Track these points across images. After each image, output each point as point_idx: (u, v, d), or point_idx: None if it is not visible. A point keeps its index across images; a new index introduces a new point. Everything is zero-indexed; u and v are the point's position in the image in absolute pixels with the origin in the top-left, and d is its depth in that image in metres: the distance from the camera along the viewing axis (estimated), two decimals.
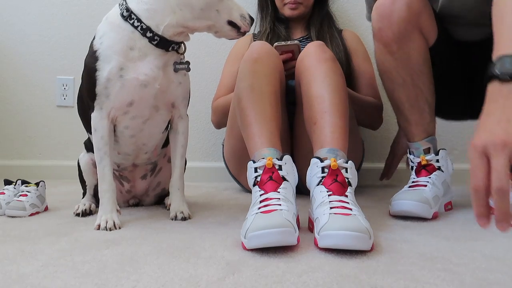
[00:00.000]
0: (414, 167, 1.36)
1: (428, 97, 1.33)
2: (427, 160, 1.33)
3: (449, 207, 1.37)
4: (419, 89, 1.32)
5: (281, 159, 1.07)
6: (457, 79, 1.44)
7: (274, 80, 1.29)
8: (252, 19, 1.27)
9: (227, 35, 1.26)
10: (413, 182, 1.33)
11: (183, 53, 1.28)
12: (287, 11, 1.87)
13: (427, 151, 1.35)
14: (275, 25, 1.92)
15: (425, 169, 1.33)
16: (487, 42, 1.42)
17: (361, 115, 1.73)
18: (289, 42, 1.55)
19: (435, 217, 1.25)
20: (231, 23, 1.23)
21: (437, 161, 1.33)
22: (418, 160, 1.35)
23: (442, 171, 1.33)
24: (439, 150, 1.35)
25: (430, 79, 1.34)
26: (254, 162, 1.09)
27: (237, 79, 1.33)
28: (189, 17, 1.19)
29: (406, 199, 1.23)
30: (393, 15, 1.24)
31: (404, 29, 1.24)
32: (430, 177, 1.30)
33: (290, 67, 1.51)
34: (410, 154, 1.39)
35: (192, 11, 1.18)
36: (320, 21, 1.91)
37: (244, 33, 1.26)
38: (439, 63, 1.35)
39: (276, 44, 1.54)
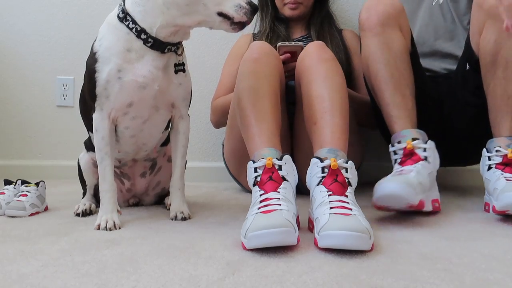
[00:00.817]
0: (398, 160, 1.27)
1: (409, 84, 1.36)
2: (413, 146, 1.24)
3: (436, 204, 1.30)
4: (401, 73, 1.35)
5: (281, 159, 1.07)
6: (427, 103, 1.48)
7: (274, 80, 1.29)
8: (254, 8, 1.14)
9: (221, 28, 1.17)
10: (396, 171, 1.24)
11: (180, 54, 1.27)
12: (287, 11, 1.87)
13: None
14: (275, 25, 1.91)
15: (410, 158, 1.24)
16: (451, 75, 1.57)
17: (360, 114, 1.73)
18: (293, 43, 1.54)
19: (421, 206, 1.18)
20: (221, 14, 1.14)
21: (424, 150, 1.25)
22: (403, 146, 1.26)
23: (429, 162, 1.25)
24: (427, 140, 1.28)
25: (410, 71, 1.37)
26: (254, 162, 1.09)
27: (236, 80, 1.33)
28: (177, 14, 1.16)
29: (388, 181, 1.15)
30: (379, 7, 1.39)
31: (387, 19, 1.37)
32: (415, 166, 1.23)
33: (289, 69, 1.50)
34: (393, 146, 1.30)
35: (178, 8, 1.16)
36: (320, 21, 1.91)
37: (239, 24, 1.16)
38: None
39: (279, 44, 1.54)
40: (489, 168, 1.29)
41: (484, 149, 1.31)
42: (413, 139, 1.27)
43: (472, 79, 1.39)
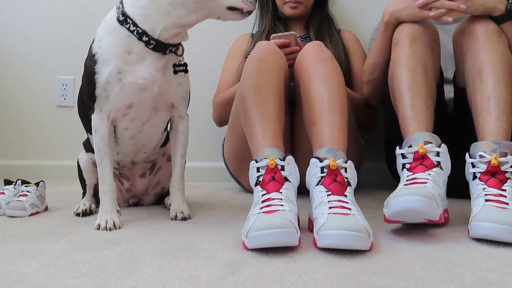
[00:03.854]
0: (407, 165, 1.13)
1: (432, 96, 1.29)
2: (425, 149, 1.09)
3: (446, 215, 1.19)
4: (425, 82, 1.29)
5: (283, 159, 1.07)
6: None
7: (279, 80, 1.29)
8: None
9: (231, 18, 1.21)
10: (408, 180, 1.09)
11: (181, 55, 1.27)
12: (287, 10, 1.87)
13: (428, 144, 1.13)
14: (274, 24, 1.92)
15: (422, 164, 1.10)
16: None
17: (357, 114, 1.73)
18: (285, 33, 1.55)
19: (441, 220, 1.04)
20: (231, 8, 1.18)
21: (437, 154, 1.11)
22: (414, 149, 1.11)
23: (442, 169, 1.11)
24: (440, 144, 1.14)
25: (435, 87, 1.33)
26: (256, 161, 1.09)
27: (241, 78, 1.33)
28: (184, 13, 1.17)
29: (404, 194, 1.00)
30: (414, 24, 1.38)
31: (420, 34, 1.35)
32: (429, 173, 1.08)
33: (287, 53, 1.49)
34: (400, 149, 1.16)
35: (185, 6, 1.16)
36: (319, 21, 1.92)
37: (249, 13, 1.21)
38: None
39: (272, 35, 1.54)
40: (474, 177, 1.12)
41: (467, 154, 1.15)
42: (425, 143, 1.13)
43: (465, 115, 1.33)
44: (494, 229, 0.97)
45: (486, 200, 1.04)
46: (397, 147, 1.18)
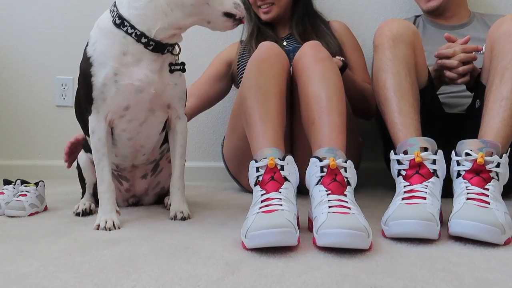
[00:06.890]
0: (403, 172, 1.12)
1: (416, 98, 1.31)
2: (422, 158, 1.08)
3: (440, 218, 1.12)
4: (409, 85, 1.30)
5: (283, 159, 1.07)
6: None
7: (281, 80, 1.29)
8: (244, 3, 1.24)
9: (223, 27, 1.22)
10: (405, 191, 1.08)
11: (177, 54, 1.27)
12: (262, 15, 1.84)
13: (423, 151, 1.11)
14: (262, 24, 1.89)
15: (419, 173, 1.09)
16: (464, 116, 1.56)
17: (357, 99, 1.71)
18: None
19: (439, 236, 1.02)
20: (226, 14, 1.20)
21: (434, 162, 1.10)
22: (410, 157, 1.10)
23: (438, 177, 1.10)
24: (437, 150, 1.12)
25: (417, 89, 1.34)
26: (256, 161, 1.09)
27: (243, 78, 1.33)
28: (180, 16, 1.18)
29: (405, 218, 0.99)
30: (393, 25, 1.40)
31: (401, 35, 1.37)
32: (426, 185, 1.07)
33: None
34: (395, 155, 1.15)
35: (183, 9, 1.17)
36: (301, 19, 1.86)
37: (240, 20, 1.22)
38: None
39: None
40: (459, 175, 1.11)
41: (453, 152, 1.13)
42: (422, 149, 1.12)
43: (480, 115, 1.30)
44: (472, 227, 0.96)
45: (468, 199, 1.03)
46: (392, 152, 1.17)
